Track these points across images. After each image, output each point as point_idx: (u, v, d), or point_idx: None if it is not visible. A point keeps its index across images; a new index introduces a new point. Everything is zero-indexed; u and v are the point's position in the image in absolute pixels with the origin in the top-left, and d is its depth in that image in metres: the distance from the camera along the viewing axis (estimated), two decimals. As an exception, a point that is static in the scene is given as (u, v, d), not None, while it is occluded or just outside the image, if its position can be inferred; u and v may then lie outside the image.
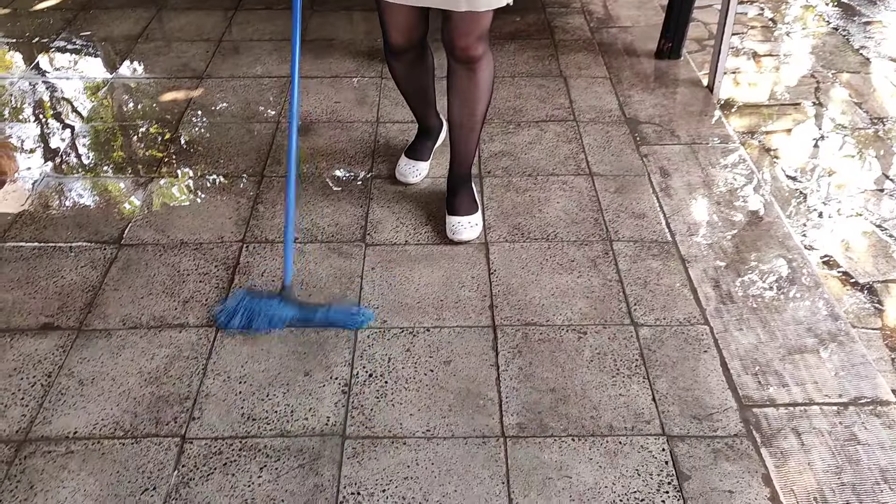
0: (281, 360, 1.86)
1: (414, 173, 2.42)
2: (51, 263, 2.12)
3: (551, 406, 1.74)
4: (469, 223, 2.20)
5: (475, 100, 2.10)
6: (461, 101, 2.10)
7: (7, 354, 1.86)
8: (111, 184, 2.45)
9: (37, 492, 1.57)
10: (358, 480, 1.59)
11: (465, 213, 2.21)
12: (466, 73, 2.05)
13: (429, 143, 2.48)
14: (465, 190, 2.25)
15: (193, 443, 1.67)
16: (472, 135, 2.18)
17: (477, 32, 1.96)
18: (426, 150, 2.47)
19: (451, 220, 2.20)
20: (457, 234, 2.18)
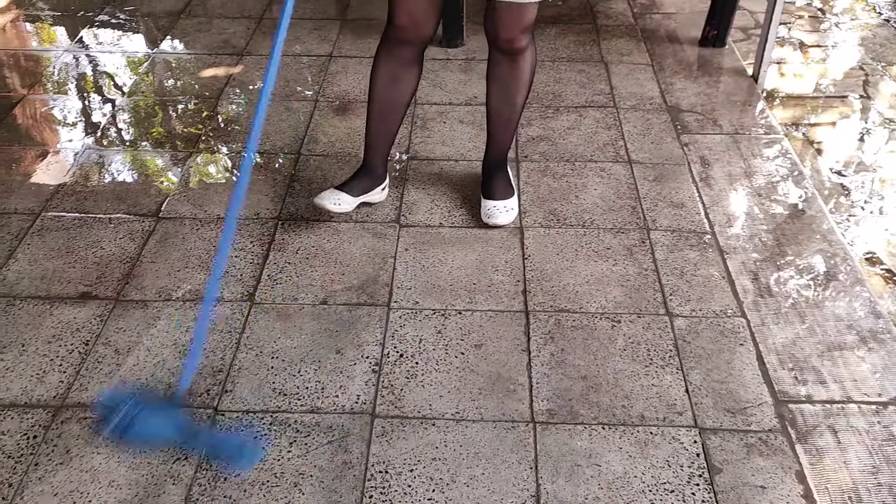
0: (313, 337, 1.87)
1: (333, 199, 2.10)
2: (90, 234, 2.16)
3: (582, 393, 1.73)
4: (505, 207, 2.18)
5: (515, 90, 2.06)
6: (501, 90, 2.07)
7: (46, 321, 1.89)
8: (150, 158, 2.48)
9: (72, 456, 1.60)
10: (386, 459, 1.60)
11: (500, 197, 2.19)
12: (509, 64, 2.01)
13: (364, 182, 2.16)
14: (500, 174, 2.23)
15: (225, 415, 1.69)
16: (510, 124, 2.14)
17: (522, 24, 1.91)
18: (357, 188, 2.15)
19: (487, 204, 2.18)
20: (492, 218, 2.16)
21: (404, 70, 2.03)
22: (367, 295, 1.98)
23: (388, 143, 2.16)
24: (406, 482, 1.56)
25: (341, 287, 2.00)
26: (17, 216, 2.22)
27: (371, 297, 1.97)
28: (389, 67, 2.02)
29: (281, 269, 2.05)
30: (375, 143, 2.14)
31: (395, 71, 2.02)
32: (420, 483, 1.55)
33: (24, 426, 1.65)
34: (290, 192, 2.32)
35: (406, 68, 2.03)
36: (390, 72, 2.02)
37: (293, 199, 2.29)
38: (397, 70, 2.02)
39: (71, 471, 1.57)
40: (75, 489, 1.54)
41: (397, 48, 1.99)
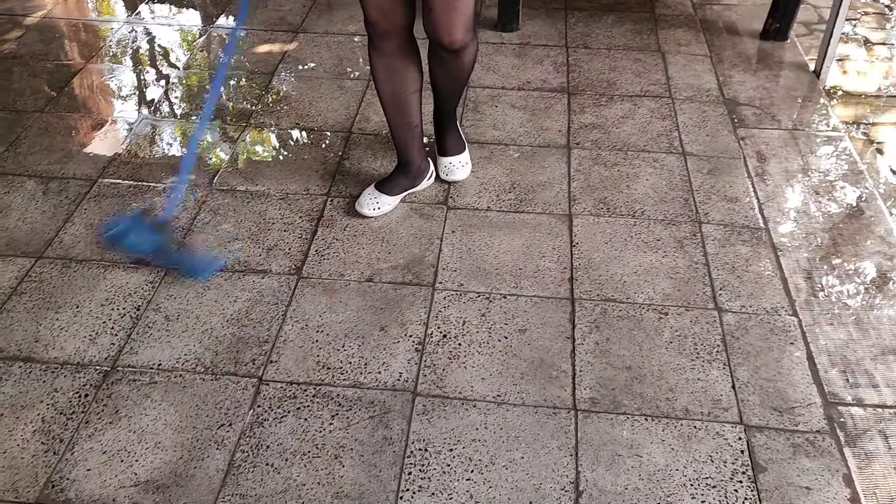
0: (358, 313, 1.88)
1: (371, 205, 2.13)
2: (144, 202, 2.20)
3: (626, 384, 1.71)
4: (460, 162, 2.25)
5: (460, 74, 2.03)
6: (445, 75, 2.04)
7: (100, 285, 1.94)
8: (205, 129, 2.51)
9: (121, 416, 1.64)
10: (426, 437, 1.61)
11: (454, 152, 2.25)
12: (453, 59, 1.95)
13: (402, 181, 2.17)
14: (451, 128, 2.25)
15: (269, 385, 1.71)
16: (458, 93, 2.16)
17: (461, 23, 1.84)
18: (396, 185, 2.16)
19: (443, 161, 2.24)
20: (450, 175, 2.23)
21: (397, 62, 1.98)
22: (412, 275, 1.98)
23: (415, 136, 2.12)
24: (445, 461, 1.56)
25: (387, 266, 2.01)
26: (74, 181, 2.27)
27: (416, 276, 1.98)
28: (382, 63, 1.99)
29: (329, 244, 2.07)
30: (402, 139, 2.12)
31: (388, 65, 1.99)
32: (459, 463, 1.56)
33: (77, 384, 1.70)
34: (339, 170, 2.33)
35: (398, 59, 1.98)
36: (385, 67, 2.00)
37: (343, 177, 2.30)
38: (390, 63, 1.99)
39: (119, 430, 1.61)
40: (122, 448, 1.58)
41: (381, 43, 1.95)
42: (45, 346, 1.78)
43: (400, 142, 2.13)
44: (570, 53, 2.90)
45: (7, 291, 1.91)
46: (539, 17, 3.11)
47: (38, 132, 2.47)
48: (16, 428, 1.61)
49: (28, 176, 2.28)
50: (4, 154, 2.37)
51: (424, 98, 2.13)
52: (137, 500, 1.49)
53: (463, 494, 1.50)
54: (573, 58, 2.87)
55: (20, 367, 1.73)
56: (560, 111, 2.58)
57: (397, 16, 1.88)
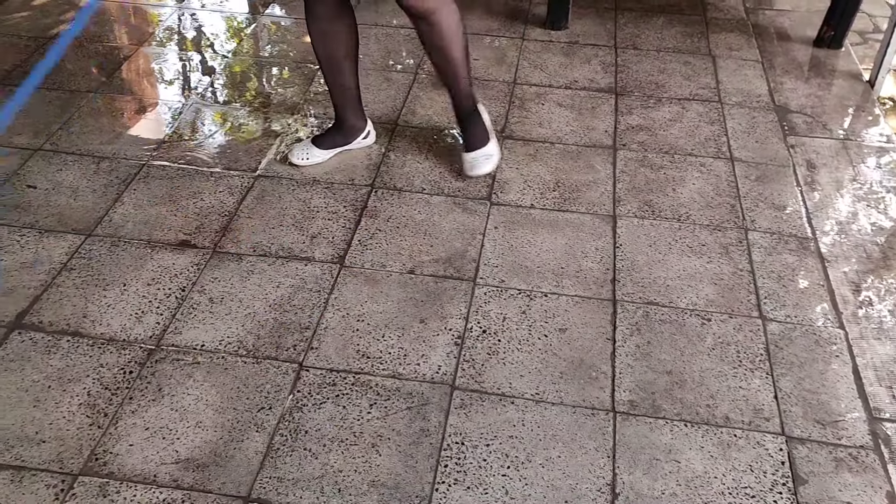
0: (399, 304, 1.89)
1: (302, 155, 2.28)
2: (192, 185, 2.23)
3: (666, 388, 1.70)
4: (484, 156, 2.23)
5: (445, 47, 2.04)
6: (431, 50, 2.07)
7: (147, 264, 1.97)
8: (252, 116, 2.54)
9: (164, 395, 1.66)
10: (463, 431, 1.61)
11: (478, 145, 2.24)
12: (427, 28, 2.00)
13: (335, 137, 2.30)
14: (473, 122, 2.24)
15: (310, 371, 1.72)
16: (457, 76, 2.13)
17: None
18: (327, 141, 2.29)
19: (466, 157, 2.24)
20: (475, 170, 2.22)
21: (328, 25, 2.08)
22: (453, 269, 1.98)
23: (348, 97, 2.24)
24: (481, 456, 1.56)
25: (429, 258, 2.01)
26: (125, 162, 2.31)
27: (458, 271, 1.98)
28: (315, 27, 2.10)
29: (371, 235, 2.08)
30: (336, 98, 2.24)
31: (320, 28, 2.10)
32: (495, 459, 1.56)
33: (122, 361, 1.73)
34: (384, 162, 2.34)
35: (330, 23, 2.08)
36: (318, 30, 2.10)
37: (387, 168, 2.31)
38: (322, 27, 2.09)
39: (162, 408, 1.64)
40: (165, 426, 1.60)
41: (314, 7, 2.06)
42: (93, 322, 1.82)
43: (335, 100, 2.26)
44: (618, 54, 2.87)
45: (57, 267, 1.95)
46: (588, 17, 3.09)
47: (91, 112, 2.52)
48: (62, 400, 1.64)
49: (80, 155, 2.33)
50: (58, 132, 2.42)
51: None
52: (178, 477, 1.51)
53: (498, 490, 1.50)
54: (622, 58, 2.85)
55: (68, 341, 1.77)
56: (607, 111, 2.56)
57: None
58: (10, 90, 2.60)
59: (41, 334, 1.78)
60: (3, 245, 2.01)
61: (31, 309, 1.84)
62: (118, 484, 1.49)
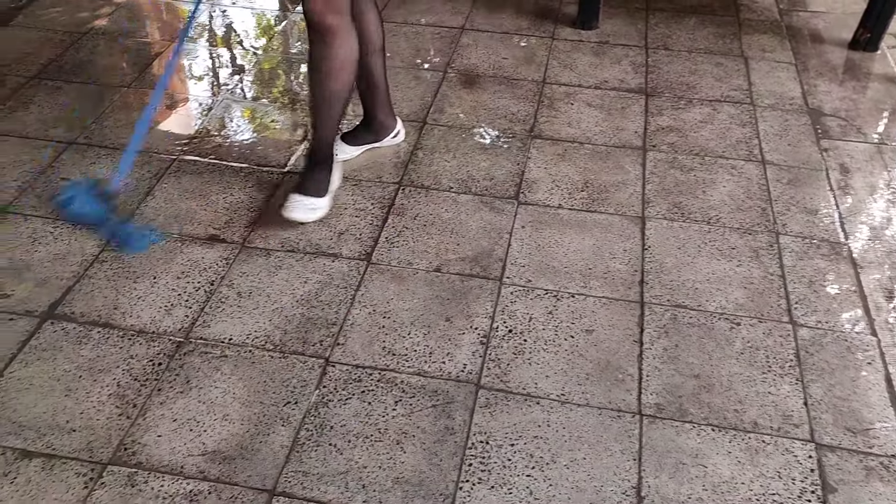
0: (425, 302, 1.89)
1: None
2: (222, 180, 2.25)
3: (694, 392, 1.68)
4: (307, 204, 2.06)
5: (327, 75, 1.93)
6: (316, 76, 1.96)
7: (177, 258, 1.99)
8: (281, 113, 2.56)
9: (192, 387, 1.68)
10: (488, 430, 1.61)
11: (307, 192, 2.06)
12: (320, 45, 1.90)
13: (367, 136, 2.33)
14: (317, 169, 2.08)
15: (336, 366, 1.73)
16: (324, 112, 2.00)
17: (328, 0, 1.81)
18: (357, 137, 2.33)
19: (291, 197, 2.06)
20: (288, 212, 2.04)
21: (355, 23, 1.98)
22: (480, 267, 1.98)
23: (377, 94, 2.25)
24: (506, 455, 1.56)
25: (455, 257, 2.01)
26: (157, 156, 2.33)
27: (484, 270, 1.98)
28: None
29: (399, 233, 2.08)
30: (364, 96, 2.25)
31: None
32: (520, 458, 1.55)
33: (151, 353, 1.75)
34: (412, 160, 2.34)
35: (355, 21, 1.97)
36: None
37: (415, 166, 2.32)
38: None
39: (189, 400, 1.65)
40: (192, 418, 1.62)
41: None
42: (123, 314, 1.84)
43: (364, 98, 2.26)
44: (649, 54, 2.85)
45: (89, 258, 1.98)
46: (619, 17, 3.07)
47: (123, 107, 2.55)
48: (93, 390, 1.67)
49: (113, 148, 2.36)
50: (92, 126, 2.45)
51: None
52: (204, 468, 1.52)
53: (523, 490, 1.50)
54: (652, 59, 2.82)
55: (99, 332, 1.79)
56: (637, 112, 2.54)
57: None
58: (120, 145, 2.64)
59: (73, 325, 1.81)
60: (37, 236, 2.04)
61: (64, 300, 1.87)
62: (146, 474, 1.51)
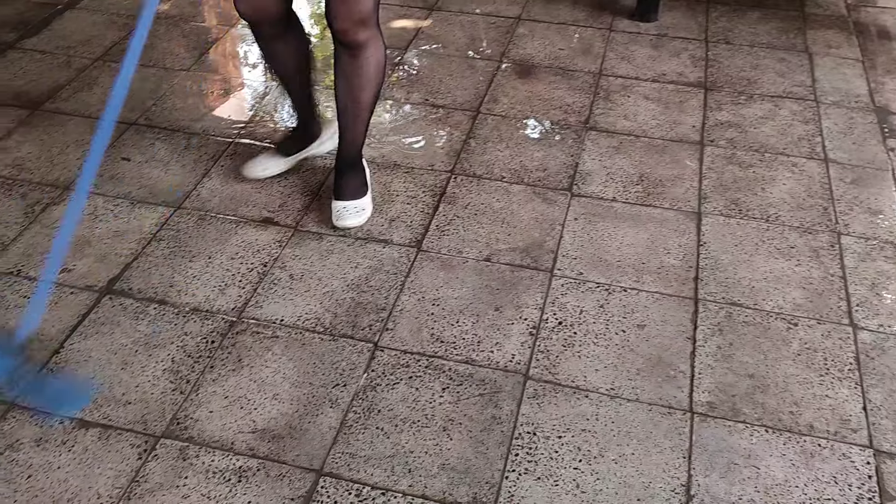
0: (474, 291, 1.88)
1: (260, 167, 2.17)
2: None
3: (747, 392, 1.65)
4: (355, 208, 2.03)
5: (358, 87, 1.92)
6: (344, 85, 1.93)
7: (232, 239, 2.02)
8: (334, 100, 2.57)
9: (243, 365, 1.70)
10: (535, 421, 1.60)
11: (350, 197, 2.04)
12: (349, 58, 1.88)
13: (294, 141, 2.21)
14: (352, 173, 2.06)
15: (384, 351, 1.74)
16: (357, 121, 2.00)
17: (356, 15, 1.78)
18: (289, 146, 2.20)
19: (336, 206, 2.03)
20: (340, 220, 2.01)
21: (277, 45, 1.99)
22: (530, 258, 1.97)
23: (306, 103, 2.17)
24: (553, 447, 1.55)
25: (506, 247, 2.00)
26: (214, 139, 2.37)
27: (535, 261, 1.96)
28: (263, 46, 2.02)
29: (449, 221, 2.08)
30: (294, 103, 2.18)
31: (271, 48, 2.01)
32: (567, 451, 1.54)
33: (205, 330, 1.78)
34: (465, 149, 2.33)
35: (276, 43, 1.99)
36: (268, 50, 2.03)
37: (468, 155, 2.31)
38: (273, 46, 2.00)
39: (241, 378, 1.68)
40: (243, 395, 1.64)
41: (260, 28, 1.96)
42: (179, 292, 1.87)
43: (293, 105, 2.20)
44: (709, 48, 2.79)
45: (147, 237, 2.02)
46: (679, 9, 3.01)
47: (183, 90, 2.60)
48: (148, 365, 1.70)
49: (172, 130, 2.40)
50: (153, 108, 2.50)
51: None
52: (254, 446, 1.55)
53: (569, 482, 1.49)
54: (713, 52, 2.76)
55: (155, 308, 1.83)
56: (695, 106, 2.50)
57: (268, 6, 1.87)
58: (109, 66, 2.70)
59: (130, 300, 1.85)
60: (97, 214, 2.09)
61: (122, 276, 1.91)
62: (197, 448, 1.54)
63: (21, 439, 1.55)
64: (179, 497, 1.46)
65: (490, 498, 1.46)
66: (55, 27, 2.91)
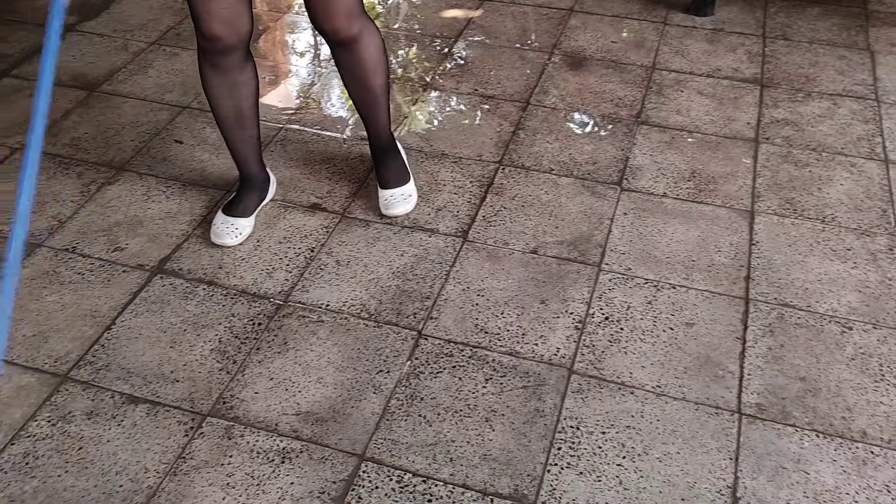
0: (520, 283, 1.87)
1: (232, 233, 1.94)
2: (325, 151, 2.28)
3: (798, 395, 1.61)
4: (402, 195, 2.02)
5: (365, 76, 1.86)
6: (351, 80, 1.89)
7: (280, 223, 2.04)
8: (386, 88, 2.57)
9: (289, 348, 1.72)
10: (579, 416, 1.58)
11: (395, 184, 2.02)
12: (348, 56, 1.82)
13: (254, 198, 1.99)
14: (391, 159, 2.04)
15: (428, 340, 1.74)
16: (376, 108, 1.94)
17: (344, 10, 1.70)
18: (248, 205, 1.98)
19: (383, 195, 2.02)
20: (390, 209, 2.00)
21: (237, 76, 1.81)
22: (578, 252, 1.95)
23: (257, 147, 1.99)
24: (597, 443, 1.53)
25: (553, 240, 1.98)
26: (263, 124, 2.37)
27: (582, 254, 1.94)
28: (222, 81, 1.81)
29: (496, 212, 2.07)
30: (243, 155, 1.97)
31: (228, 81, 1.81)
32: (611, 447, 1.52)
33: (252, 312, 1.80)
34: (514, 140, 2.32)
35: (237, 73, 1.80)
36: (225, 84, 1.82)
37: (516, 146, 2.29)
38: (230, 79, 1.81)
39: (286, 361, 1.69)
40: (288, 378, 1.66)
41: (221, 59, 1.76)
42: (227, 274, 1.90)
43: (242, 158, 1.97)
44: (766, 43, 2.73)
45: (197, 219, 2.05)
46: (736, 4, 2.95)
47: (235, 75, 2.62)
48: (196, 344, 1.73)
49: (223, 115, 2.43)
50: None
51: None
52: (297, 428, 1.56)
53: (612, 479, 1.47)
54: (770, 48, 2.70)
55: (204, 289, 1.86)
56: (750, 103, 2.44)
57: (242, 24, 1.71)
58: (164, 50, 2.74)
59: (180, 280, 1.88)
60: (150, 195, 2.13)
61: (172, 256, 1.94)
62: (242, 428, 1.56)
63: (73, 411, 1.59)
64: (224, 475, 1.48)
65: (531, 490, 1.46)
66: (113, 11, 2.96)
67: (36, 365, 1.68)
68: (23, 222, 1.30)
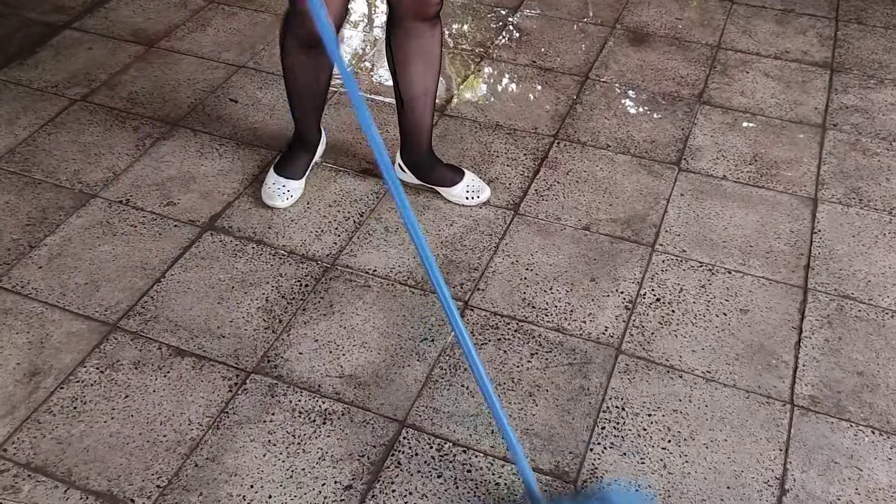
0: (570, 259, 1.84)
1: (284, 195, 1.95)
2: (378, 117, 2.26)
3: (854, 390, 1.55)
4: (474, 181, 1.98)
5: (437, 57, 1.79)
6: (425, 63, 1.79)
7: (331, 186, 2.03)
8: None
9: (335, 311, 1.72)
10: (625, 396, 1.55)
11: (452, 182, 1.97)
12: (430, 31, 1.73)
13: (306, 158, 2.00)
14: (438, 162, 1.98)
15: (474, 311, 1.72)
16: (432, 105, 1.88)
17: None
18: (300, 165, 1.99)
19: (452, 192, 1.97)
20: (480, 195, 1.97)
21: (321, 55, 1.72)
22: (631, 231, 1.90)
23: (321, 111, 1.97)
24: (642, 425, 1.50)
25: (606, 217, 1.94)
26: (319, 87, 2.38)
27: (636, 234, 1.90)
28: (306, 58, 1.78)
29: (549, 186, 2.03)
30: (307, 122, 1.95)
31: (316, 61, 1.78)
32: (656, 430, 1.49)
33: (300, 273, 1.80)
34: (571, 114, 2.27)
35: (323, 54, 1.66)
36: (311, 63, 1.79)
37: (573, 120, 2.25)
38: (317, 58, 1.77)
39: (331, 323, 1.69)
40: (332, 341, 1.65)
41: (308, 37, 1.70)
42: (276, 234, 1.90)
43: (305, 123, 1.95)
44: (839, 27, 2.62)
45: (249, 178, 2.05)
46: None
47: (292, 37, 2.61)
48: (243, 301, 1.74)
49: (278, 76, 2.40)
50: (261, 52, 2.53)
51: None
52: (340, 390, 1.56)
53: (656, 462, 1.44)
54: (842, 32, 2.59)
55: (253, 247, 1.86)
56: (819, 87, 2.35)
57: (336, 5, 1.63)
58: (222, 9, 2.74)
59: (230, 238, 1.88)
60: (204, 152, 2.13)
61: (223, 213, 1.95)
62: (286, 387, 1.56)
63: (121, 360, 1.61)
64: (265, 432, 1.49)
65: (573, 468, 1.43)
66: (174, -32, 2.97)
67: (87, 313, 1.70)
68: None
